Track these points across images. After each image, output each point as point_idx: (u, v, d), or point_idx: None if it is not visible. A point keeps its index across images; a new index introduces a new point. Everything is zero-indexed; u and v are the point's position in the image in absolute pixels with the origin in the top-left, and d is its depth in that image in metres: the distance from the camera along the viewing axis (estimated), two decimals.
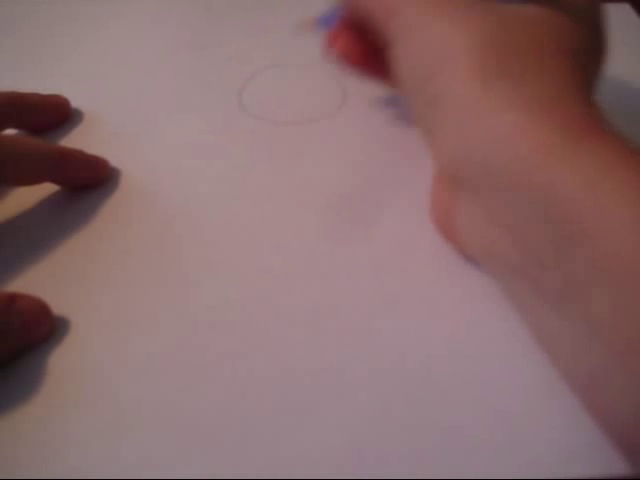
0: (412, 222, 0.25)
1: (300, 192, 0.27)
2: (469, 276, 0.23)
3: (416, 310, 0.22)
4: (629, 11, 0.37)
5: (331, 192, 0.27)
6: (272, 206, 0.26)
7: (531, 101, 0.18)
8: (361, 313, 0.22)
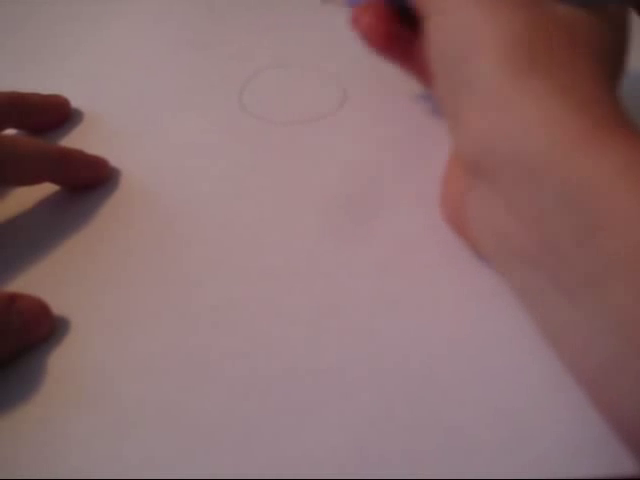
0: (413, 221, 0.25)
1: (301, 191, 0.27)
2: (470, 275, 0.23)
3: (417, 309, 0.22)
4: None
5: (332, 191, 0.27)
6: (273, 205, 0.26)
7: (564, 92, 0.18)
8: (363, 313, 0.22)
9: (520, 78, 0.18)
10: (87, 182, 0.27)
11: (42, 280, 0.24)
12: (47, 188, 0.27)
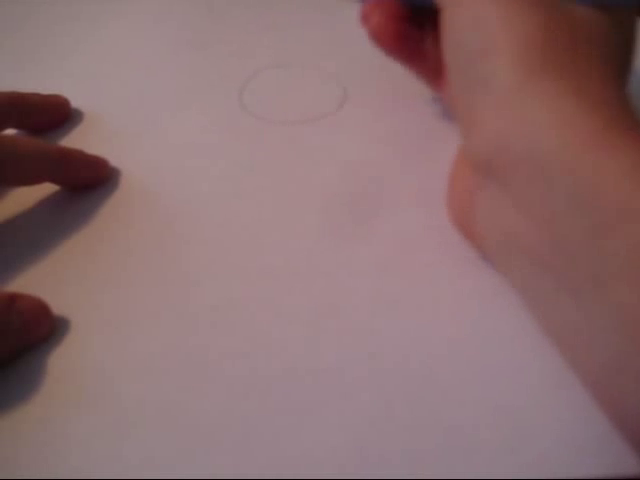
0: (413, 221, 0.25)
1: (301, 191, 0.27)
2: (470, 274, 0.23)
3: (417, 309, 0.22)
4: None
5: (332, 191, 0.27)
6: (273, 205, 0.26)
7: (575, 93, 0.18)
8: (363, 312, 0.22)
9: (532, 79, 0.19)
10: (87, 182, 0.27)
11: (42, 280, 0.24)
12: (47, 188, 0.27)
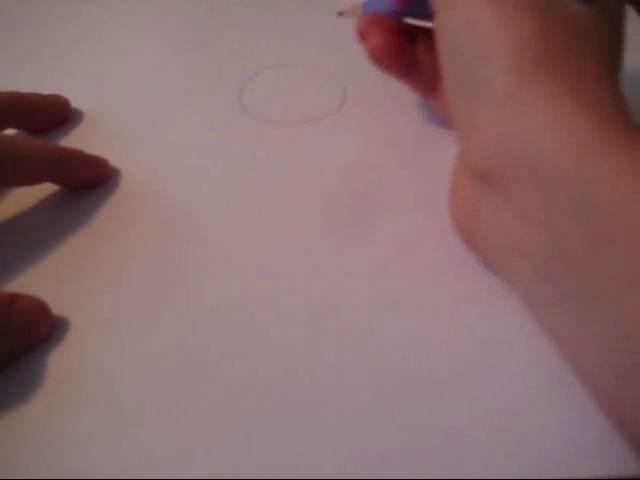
0: (413, 222, 0.25)
1: (301, 191, 0.27)
2: (470, 276, 0.23)
3: (417, 310, 0.22)
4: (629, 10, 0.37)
5: (332, 191, 0.27)
6: (273, 205, 0.26)
7: (569, 94, 0.18)
8: (362, 313, 0.22)
9: (526, 82, 0.19)
10: (87, 182, 0.27)
11: (42, 280, 0.24)
12: (47, 188, 0.27)
